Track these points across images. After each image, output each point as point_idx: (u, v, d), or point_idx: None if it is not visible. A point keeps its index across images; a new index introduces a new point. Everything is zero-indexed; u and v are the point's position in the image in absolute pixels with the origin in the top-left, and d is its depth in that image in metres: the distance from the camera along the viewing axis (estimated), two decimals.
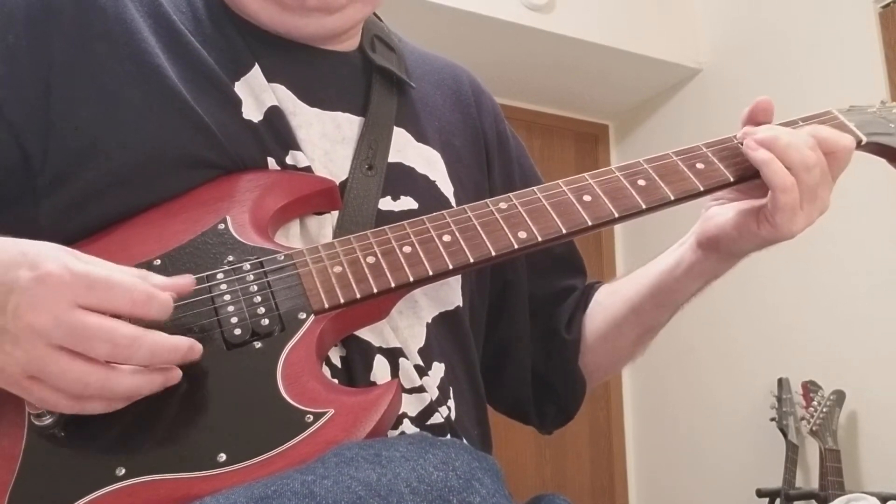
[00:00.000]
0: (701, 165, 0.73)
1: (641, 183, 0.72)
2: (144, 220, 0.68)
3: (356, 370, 0.67)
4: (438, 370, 0.73)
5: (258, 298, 0.63)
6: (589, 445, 3.25)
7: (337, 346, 0.67)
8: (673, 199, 0.71)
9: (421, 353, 0.72)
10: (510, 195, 0.72)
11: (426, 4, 2.61)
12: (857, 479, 2.34)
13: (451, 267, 0.66)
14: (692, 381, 3.00)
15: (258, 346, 0.61)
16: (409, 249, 0.67)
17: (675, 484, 3.05)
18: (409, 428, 0.67)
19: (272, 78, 0.75)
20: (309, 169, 0.73)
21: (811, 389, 2.39)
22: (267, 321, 0.62)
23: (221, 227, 0.68)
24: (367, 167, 0.76)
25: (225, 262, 0.66)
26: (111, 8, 0.72)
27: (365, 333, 0.69)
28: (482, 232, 0.68)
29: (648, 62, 3.04)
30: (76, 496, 0.54)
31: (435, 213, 0.70)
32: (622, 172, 0.73)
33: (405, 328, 0.72)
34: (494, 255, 0.68)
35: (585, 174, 0.73)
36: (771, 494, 2.36)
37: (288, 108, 0.75)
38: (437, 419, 0.70)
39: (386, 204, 0.75)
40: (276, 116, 0.73)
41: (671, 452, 3.09)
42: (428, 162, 0.82)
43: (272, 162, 0.72)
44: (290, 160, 0.73)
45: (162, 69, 0.71)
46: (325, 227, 0.72)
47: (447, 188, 0.81)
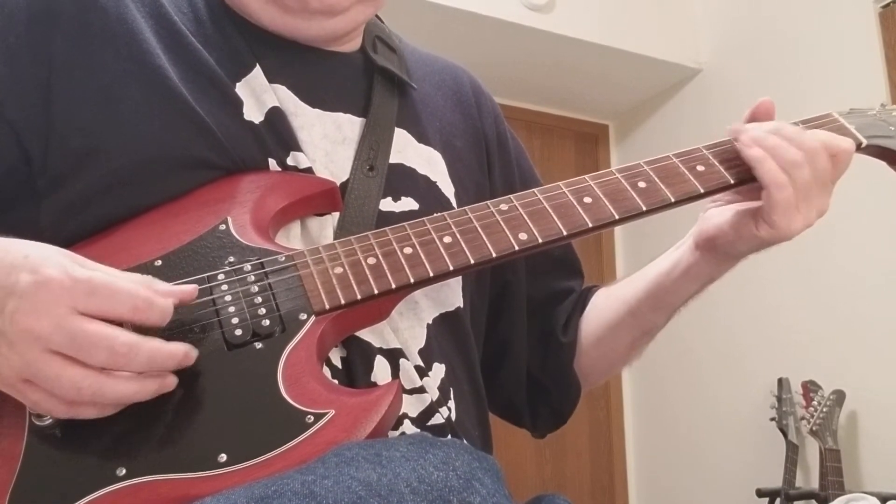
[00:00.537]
0: (701, 167, 0.73)
1: (642, 185, 0.72)
2: (145, 220, 0.68)
3: (357, 371, 0.67)
4: (439, 371, 0.74)
5: (259, 299, 0.63)
6: (589, 445, 3.25)
7: (337, 346, 0.67)
8: (673, 200, 0.72)
9: (421, 353, 0.72)
10: (511, 197, 0.72)
11: (426, 4, 2.61)
12: (857, 479, 2.34)
13: (451, 268, 0.67)
14: (692, 381, 3.00)
15: (259, 346, 0.61)
16: (409, 250, 0.67)
17: (675, 484, 3.05)
18: (409, 428, 0.68)
19: (273, 79, 0.75)
20: (310, 170, 0.73)
21: (811, 389, 2.39)
22: (268, 322, 0.62)
23: (222, 227, 0.68)
24: (368, 168, 0.76)
25: (226, 262, 0.66)
26: (112, 8, 0.72)
27: (365, 334, 0.69)
28: (483, 233, 0.68)
29: (648, 62, 3.04)
30: (77, 496, 0.54)
31: (436, 214, 0.70)
32: (622, 174, 0.73)
33: (405, 329, 0.72)
34: (495, 256, 0.68)
35: (586, 176, 0.73)
36: (771, 494, 2.36)
37: (289, 108, 0.75)
38: (437, 420, 0.70)
39: (387, 205, 0.75)
40: (277, 117, 0.73)
41: (671, 452, 3.09)
42: (429, 163, 0.82)
43: (273, 163, 0.73)
44: (291, 161, 0.73)
45: (163, 70, 0.71)
46: (325, 228, 0.73)
47: (448, 189, 0.82)
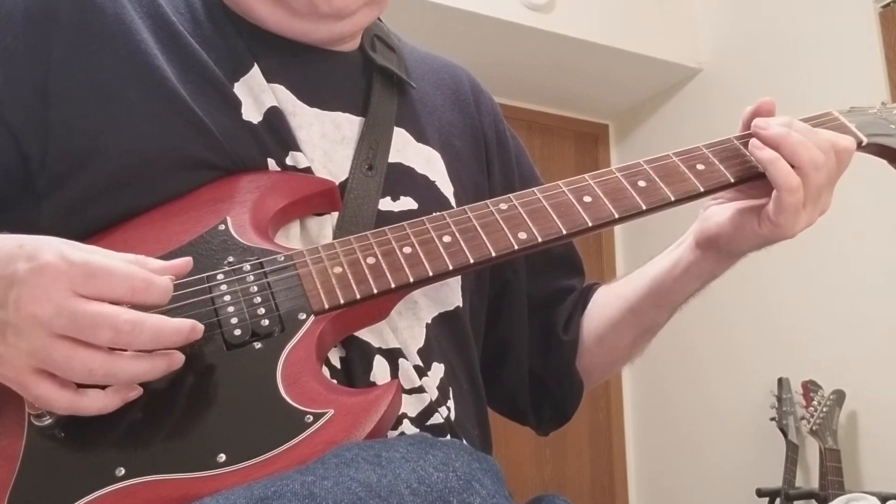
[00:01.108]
0: (701, 166, 0.73)
1: (642, 184, 0.72)
2: (145, 220, 0.68)
3: (356, 371, 0.67)
4: (438, 371, 0.73)
5: (258, 299, 0.63)
6: (589, 445, 3.25)
7: (336, 346, 0.67)
8: (673, 199, 0.71)
9: (420, 353, 0.72)
10: (510, 196, 0.71)
11: (426, 4, 2.61)
12: (857, 478, 2.34)
13: (451, 268, 0.66)
14: (692, 381, 3.00)
15: (258, 346, 0.61)
16: (409, 250, 0.67)
17: (675, 484, 3.05)
18: (408, 428, 0.67)
19: (271, 78, 0.75)
20: (309, 170, 0.73)
21: (811, 389, 2.39)
22: (267, 322, 0.62)
23: (222, 227, 0.68)
24: (367, 167, 0.76)
25: (225, 262, 0.66)
26: (110, 9, 0.72)
27: (364, 334, 0.69)
28: (482, 233, 0.68)
29: (648, 62, 3.04)
30: (76, 496, 0.54)
31: (435, 213, 0.70)
32: (622, 173, 0.73)
33: (405, 329, 0.72)
34: (494, 255, 0.67)
35: (585, 175, 0.73)
36: (771, 494, 2.36)
37: (287, 108, 0.75)
38: (436, 420, 0.70)
39: (386, 204, 0.75)
40: (275, 117, 0.73)
41: (671, 452, 3.09)
42: (428, 162, 0.82)
43: (272, 163, 0.72)
44: (289, 161, 0.73)
45: (161, 70, 0.71)
46: (325, 227, 0.72)
47: (447, 188, 0.81)
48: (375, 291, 0.65)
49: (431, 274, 0.66)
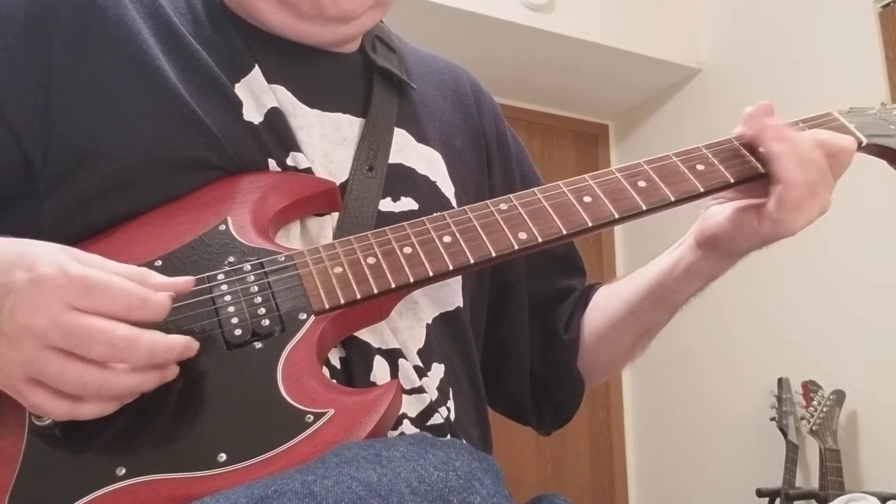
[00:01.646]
0: (701, 167, 0.73)
1: (642, 184, 0.72)
2: (145, 220, 0.68)
3: (356, 371, 0.67)
4: (438, 371, 0.74)
5: (259, 299, 0.63)
6: (589, 445, 3.25)
7: (336, 347, 0.67)
8: (673, 200, 0.71)
9: (420, 353, 0.72)
10: (510, 196, 0.72)
11: (426, 4, 2.61)
12: (857, 478, 2.34)
13: (451, 268, 0.67)
14: (692, 381, 3.00)
15: (258, 346, 0.61)
16: (409, 250, 0.67)
17: (675, 484, 3.05)
18: (408, 429, 0.67)
19: (272, 79, 0.75)
20: (309, 170, 0.73)
21: (811, 389, 2.39)
22: (267, 321, 0.62)
23: (222, 227, 0.68)
24: (367, 168, 0.76)
25: (226, 262, 0.66)
26: (111, 9, 0.72)
27: (364, 334, 0.69)
28: (482, 233, 0.68)
29: (648, 62, 3.04)
30: (76, 496, 0.54)
31: (435, 214, 0.70)
32: (622, 173, 0.73)
33: (405, 329, 0.72)
34: (495, 255, 0.68)
35: (586, 175, 0.73)
36: (771, 494, 2.36)
37: (288, 109, 0.75)
38: (436, 420, 0.70)
39: (386, 205, 0.75)
40: (276, 118, 0.73)
41: (671, 452, 3.09)
42: (428, 162, 0.82)
43: (273, 163, 0.72)
44: (290, 162, 0.73)
45: (162, 71, 0.71)
46: (325, 228, 0.72)
47: (448, 189, 0.82)
48: (376, 291, 0.65)
49: (432, 274, 0.66)
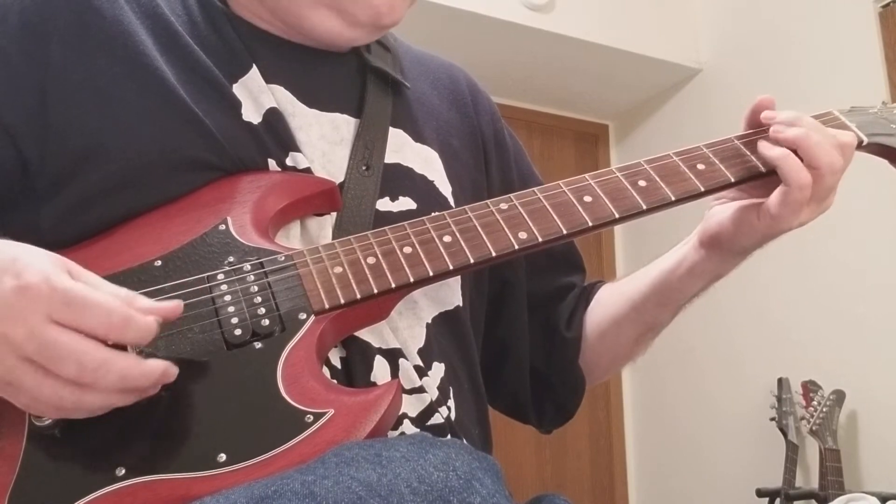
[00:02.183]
0: (701, 166, 0.73)
1: (642, 183, 0.72)
2: (145, 221, 0.68)
3: (356, 371, 0.67)
4: (438, 370, 0.73)
5: (258, 299, 0.63)
6: (589, 445, 3.24)
7: (337, 347, 0.67)
8: (673, 199, 0.71)
9: (421, 353, 0.72)
10: (510, 196, 0.71)
11: (426, 4, 2.61)
12: (857, 478, 2.34)
13: (451, 267, 0.66)
14: (692, 381, 3.00)
15: (258, 346, 0.61)
16: (409, 250, 0.67)
17: (675, 484, 3.05)
18: (409, 428, 0.67)
19: (270, 79, 0.75)
20: (309, 170, 0.73)
21: (811, 389, 2.39)
22: (267, 321, 0.62)
23: (222, 227, 0.68)
24: (363, 167, 0.76)
25: (225, 262, 0.66)
26: (108, 10, 0.72)
27: (364, 334, 0.69)
28: (482, 232, 0.68)
29: (648, 62, 3.04)
30: (76, 496, 0.54)
31: (435, 213, 0.70)
32: (623, 173, 0.73)
33: (405, 329, 0.72)
34: (495, 255, 0.68)
35: (586, 175, 0.73)
36: (771, 494, 2.36)
37: (287, 109, 0.75)
38: (437, 419, 0.70)
39: (384, 204, 0.75)
40: (275, 118, 0.73)
41: (671, 452, 3.09)
42: (426, 162, 0.82)
43: (273, 164, 0.72)
44: (290, 162, 0.73)
45: (160, 72, 0.71)
46: (325, 227, 0.72)
47: (445, 188, 0.81)
48: (376, 291, 0.65)
49: (432, 274, 0.66)
